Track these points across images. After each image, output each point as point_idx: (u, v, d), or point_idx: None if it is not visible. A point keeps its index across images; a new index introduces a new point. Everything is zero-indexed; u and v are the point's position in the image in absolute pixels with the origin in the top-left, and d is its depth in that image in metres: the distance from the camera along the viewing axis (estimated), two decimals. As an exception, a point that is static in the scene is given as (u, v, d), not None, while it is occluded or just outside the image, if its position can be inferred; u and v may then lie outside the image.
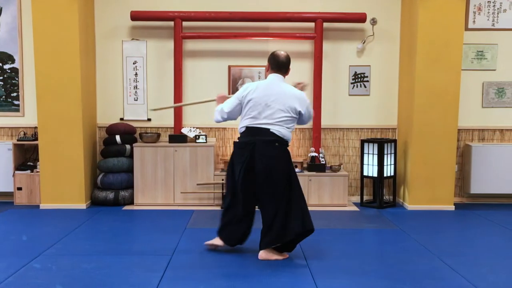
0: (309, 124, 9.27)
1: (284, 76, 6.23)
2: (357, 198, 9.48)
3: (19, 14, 9.14)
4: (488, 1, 9.23)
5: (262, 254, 6.05)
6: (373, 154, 8.96)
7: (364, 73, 9.48)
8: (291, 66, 6.34)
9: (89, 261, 5.89)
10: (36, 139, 8.96)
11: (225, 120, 6.26)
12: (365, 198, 9.34)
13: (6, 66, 9.27)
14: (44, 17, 8.43)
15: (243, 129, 6.11)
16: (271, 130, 5.94)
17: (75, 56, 8.50)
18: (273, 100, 5.98)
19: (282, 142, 6.02)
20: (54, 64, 8.49)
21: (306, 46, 9.44)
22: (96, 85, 9.42)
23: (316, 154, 9.15)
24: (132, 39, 9.39)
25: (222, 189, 8.70)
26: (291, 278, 5.43)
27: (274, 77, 6.17)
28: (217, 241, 6.33)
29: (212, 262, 5.94)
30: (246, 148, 6.00)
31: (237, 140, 6.20)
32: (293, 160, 9.07)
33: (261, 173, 5.91)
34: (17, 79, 9.25)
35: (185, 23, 9.18)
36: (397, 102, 9.55)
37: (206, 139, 8.96)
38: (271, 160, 5.92)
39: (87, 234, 7.18)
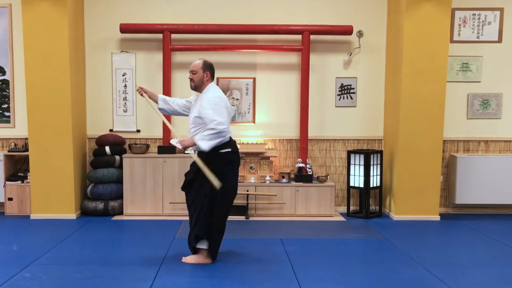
0: (296, 135, 9.42)
1: None
2: (343, 209, 9.55)
3: (10, 26, 9.19)
4: (473, 14, 9.33)
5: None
6: (359, 164, 9.03)
7: (350, 85, 9.56)
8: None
9: (79, 271, 5.94)
10: (27, 150, 9.02)
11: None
12: (352, 208, 9.41)
13: (-3, 78, 9.35)
14: (35, 29, 8.49)
15: (229, 138, 6.19)
16: None
17: (65, 68, 8.56)
18: None
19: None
20: (44, 76, 8.54)
21: (293, 58, 9.52)
22: (86, 97, 9.48)
23: (303, 165, 9.21)
24: (122, 51, 9.45)
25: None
26: (278, 287, 5.49)
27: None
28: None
29: (200, 272, 5.98)
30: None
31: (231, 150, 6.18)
32: (280, 171, 9.27)
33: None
34: (8, 90, 9.29)
35: (173, 36, 9.26)
36: (383, 114, 9.63)
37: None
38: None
39: (77, 244, 7.22)
